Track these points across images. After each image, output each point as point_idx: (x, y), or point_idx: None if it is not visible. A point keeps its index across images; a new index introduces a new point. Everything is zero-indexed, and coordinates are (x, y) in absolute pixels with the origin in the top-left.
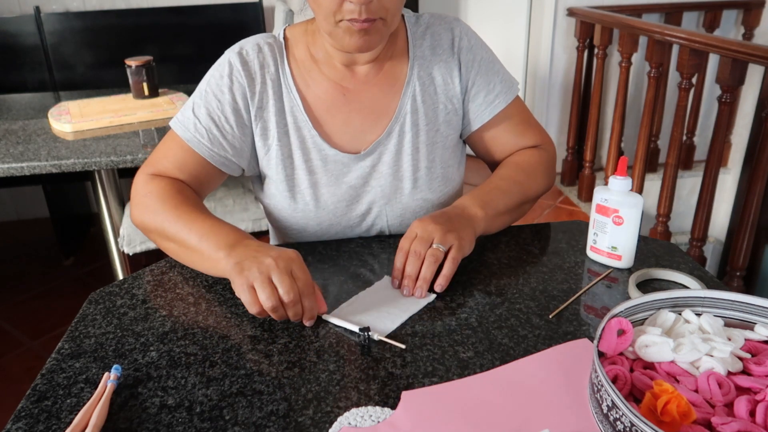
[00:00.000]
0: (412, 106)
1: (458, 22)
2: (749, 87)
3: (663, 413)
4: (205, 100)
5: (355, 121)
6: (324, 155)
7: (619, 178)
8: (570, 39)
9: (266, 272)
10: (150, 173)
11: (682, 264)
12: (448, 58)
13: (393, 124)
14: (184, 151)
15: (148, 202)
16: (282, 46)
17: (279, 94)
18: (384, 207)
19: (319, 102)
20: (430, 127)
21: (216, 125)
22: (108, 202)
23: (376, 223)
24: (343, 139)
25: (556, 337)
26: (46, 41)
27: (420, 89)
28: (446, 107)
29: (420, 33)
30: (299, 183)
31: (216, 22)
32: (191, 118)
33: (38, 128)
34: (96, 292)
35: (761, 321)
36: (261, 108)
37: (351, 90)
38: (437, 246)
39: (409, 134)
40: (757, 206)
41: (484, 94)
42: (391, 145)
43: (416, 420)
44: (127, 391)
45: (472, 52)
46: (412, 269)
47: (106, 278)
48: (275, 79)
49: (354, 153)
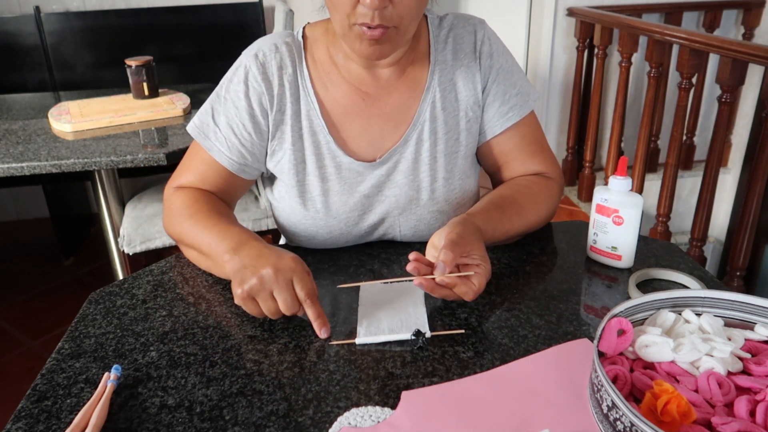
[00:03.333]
0: (431, 114)
1: (483, 24)
2: (749, 87)
3: (663, 413)
4: (224, 108)
5: (374, 127)
6: (338, 162)
7: (619, 178)
8: (570, 39)
9: (267, 287)
10: (175, 186)
11: (682, 264)
12: (470, 63)
13: (411, 131)
14: (205, 162)
15: (173, 212)
16: (300, 45)
17: (296, 97)
18: (398, 218)
19: (337, 106)
20: (449, 136)
21: (235, 134)
22: (108, 202)
23: (388, 233)
24: (360, 145)
25: (556, 337)
26: (46, 41)
27: (440, 96)
28: (467, 115)
29: (443, 36)
30: (311, 189)
31: (216, 22)
32: (211, 125)
33: (38, 128)
34: (96, 292)
35: (761, 321)
36: (280, 111)
37: (371, 95)
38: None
39: (428, 142)
40: (757, 206)
41: (499, 104)
42: (408, 153)
43: (416, 420)
44: (127, 391)
45: (492, 58)
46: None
47: (106, 278)
48: (292, 81)
49: (369, 161)
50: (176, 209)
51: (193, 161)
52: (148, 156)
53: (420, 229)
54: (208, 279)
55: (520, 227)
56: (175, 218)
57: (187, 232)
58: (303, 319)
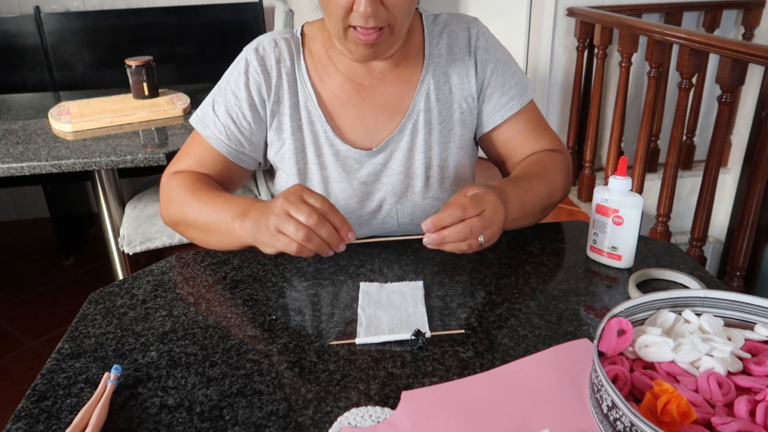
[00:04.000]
0: (425, 104)
1: (476, 21)
2: (749, 87)
3: (663, 413)
4: (224, 98)
5: (369, 117)
6: (336, 150)
7: (619, 178)
8: (570, 39)
9: (282, 212)
10: (173, 171)
11: (682, 264)
12: (464, 58)
13: (406, 121)
14: (203, 148)
15: (171, 195)
16: (299, 41)
17: (294, 89)
18: (395, 205)
19: (333, 97)
20: (443, 126)
21: (234, 122)
22: (108, 202)
23: (386, 220)
24: (357, 135)
25: (556, 337)
26: (46, 41)
27: (434, 87)
28: (461, 107)
29: (437, 32)
30: (311, 177)
31: (216, 22)
32: (210, 114)
33: (38, 128)
34: (96, 292)
35: (761, 321)
36: (277, 102)
37: (365, 86)
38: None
39: (422, 132)
40: (757, 206)
41: (498, 95)
42: (404, 142)
43: (416, 420)
44: (127, 391)
45: (488, 52)
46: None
47: (106, 278)
48: (290, 73)
49: (366, 149)
50: (176, 190)
51: (191, 147)
52: (148, 156)
53: (417, 216)
54: (208, 279)
55: (546, 191)
56: (176, 200)
57: (190, 210)
58: (302, 319)
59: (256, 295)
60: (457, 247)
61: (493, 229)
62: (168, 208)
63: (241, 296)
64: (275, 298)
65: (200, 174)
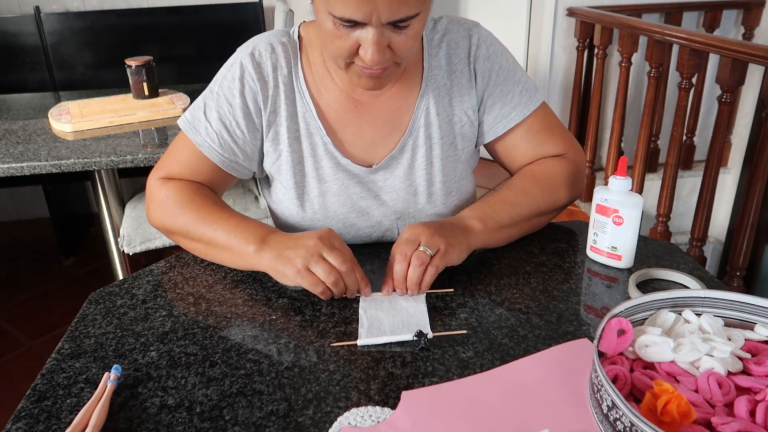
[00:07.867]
0: (425, 120)
1: (477, 27)
2: (749, 87)
3: (663, 413)
4: (217, 103)
5: (367, 133)
6: (336, 163)
7: (619, 178)
8: (570, 39)
9: (316, 252)
10: (162, 176)
11: (682, 264)
12: (463, 69)
13: (406, 138)
14: (194, 156)
15: (167, 205)
16: (296, 46)
17: (291, 98)
18: (396, 222)
19: (330, 110)
20: (444, 141)
21: (227, 130)
22: (108, 202)
23: (386, 236)
24: (355, 150)
25: (556, 337)
26: (46, 41)
27: (434, 102)
28: (461, 119)
29: (436, 41)
30: (309, 191)
31: (216, 22)
32: (202, 121)
33: (38, 128)
34: (96, 292)
35: (761, 321)
36: (273, 112)
37: (363, 102)
38: (424, 249)
39: (423, 148)
40: (757, 206)
41: (500, 106)
42: (404, 159)
43: (416, 420)
44: (127, 391)
45: (489, 60)
46: (398, 271)
47: (106, 278)
48: (288, 82)
49: (366, 165)
50: (173, 201)
51: (183, 153)
52: (148, 156)
53: None
54: (208, 279)
55: (533, 212)
56: (173, 210)
57: (194, 226)
58: (302, 319)
59: (256, 295)
60: (411, 275)
61: (438, 238)
62: (162, 217)
63: (241, 296)
64: (275, 298)
65: (197, 185)
